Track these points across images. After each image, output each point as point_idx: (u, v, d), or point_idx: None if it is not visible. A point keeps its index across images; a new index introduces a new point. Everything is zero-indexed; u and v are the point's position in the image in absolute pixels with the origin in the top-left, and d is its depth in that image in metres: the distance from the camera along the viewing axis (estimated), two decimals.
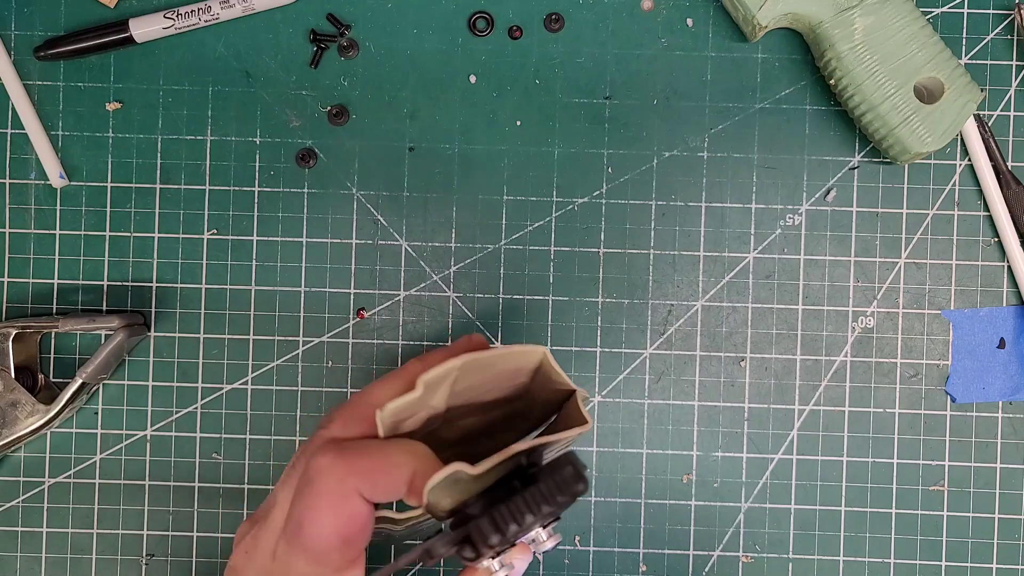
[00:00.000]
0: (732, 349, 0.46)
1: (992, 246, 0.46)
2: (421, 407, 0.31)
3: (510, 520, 0.27)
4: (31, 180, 0.46)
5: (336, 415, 0.33)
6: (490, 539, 0.27)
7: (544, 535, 0.32)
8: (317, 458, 0.31)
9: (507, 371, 0.32)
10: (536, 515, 0.27)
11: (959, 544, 0.46)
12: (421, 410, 0.31)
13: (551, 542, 0.32)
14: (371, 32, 0.46)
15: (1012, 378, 0.46)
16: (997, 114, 0.46)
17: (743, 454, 0.46)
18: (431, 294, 0.46)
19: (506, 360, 0.31)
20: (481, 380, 0.32)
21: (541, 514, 0.28)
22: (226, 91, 0.46)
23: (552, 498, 0.28)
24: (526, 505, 0.28)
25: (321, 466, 0.30)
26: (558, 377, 0.32)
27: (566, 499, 0.28)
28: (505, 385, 0.33)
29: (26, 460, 0.46)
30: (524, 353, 0.31)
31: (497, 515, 0.28)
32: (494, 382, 0.32)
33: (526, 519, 0.27)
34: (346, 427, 0.33)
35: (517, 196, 0.46)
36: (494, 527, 0.27)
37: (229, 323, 0.46)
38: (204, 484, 0.46)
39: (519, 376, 0.32)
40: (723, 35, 0.46)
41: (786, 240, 0.46)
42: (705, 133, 0.46)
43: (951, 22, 0.46)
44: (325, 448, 0.31)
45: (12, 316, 0.46)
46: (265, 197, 0.46)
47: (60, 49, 0.45)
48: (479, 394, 0.33)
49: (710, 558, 0.46)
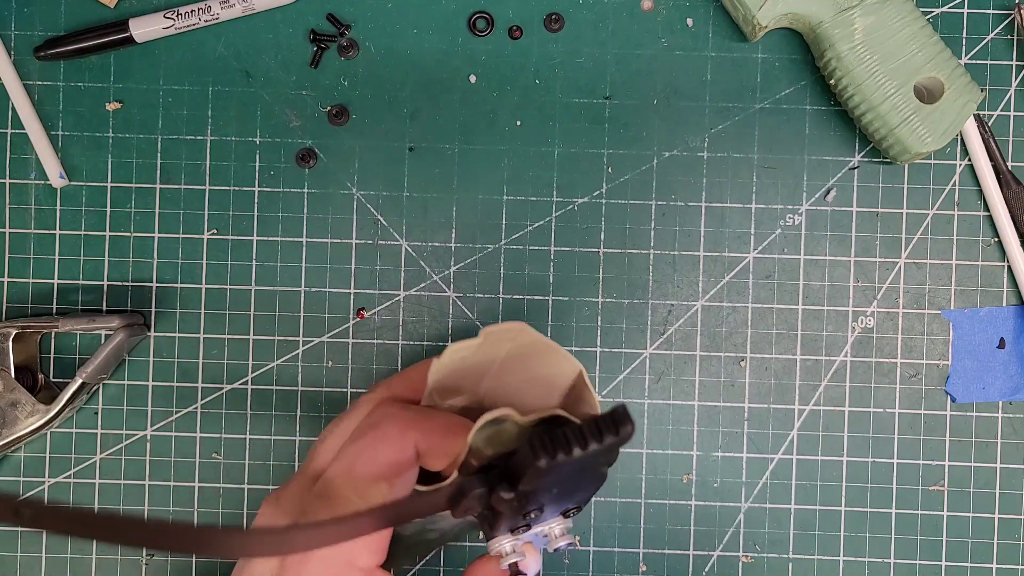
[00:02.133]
0: (732, 349, 0.46)
1: (992, 246, 0.46)
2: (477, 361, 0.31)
3: (560, 446, 0.26)
4: (31, 180, 0.46)
5: (380, 383, 0.35)
6: (538, 460, 0.25)
7: (558, 530, 0.32)
8: (384, 406, 0.32)
9: (542, 379, 0.32)
10: (583, 449, 0.26)
11: (959, 544, 0.46)
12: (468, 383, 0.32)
13: (563, 540, 0.32)
14: (371, 32, 0.46)
15: (1012, 378, 0.46)
16: (997, 114, 0.46)
17: (743, 454, 0.46)
18: (431, 294, 0.46)
19: (549, 356, 0.31)
20: (518, 382, 0.32)
21: (587, 451, 0.26)
22: (226, 91, 0.46)
23: (600, 436, 0.26)
24: (575, 436, 0.26)
25: (388, 413, 0.32)
26: (590, 398, 0.31)
27: (613, 439, 0.26)
28: (532, 400, 0.33)
29: (26, 460, 0.46)
30: (566, 358, 0.31)
31: (547, 438, 0.26)
32: (527, 391, 0.32)
33: (574, 450, 0.26)
34: (390, 390, 0.34)
35: (517, 196, 0.46)
36: (543, 448, 0.26)
37: (229, 323, 0.46)
38: (204, 484, 0.46)
39: (552, 394, 0.32)
40: (723, 35, 0.46)
41: (786, 240, 0.46)
42: (705, 133, 0.46)
43: (951, 22, 0.46)
44: (391, 402, 0.33)
45: (12, 316, 0.46)
46: (265, 197, 0.46)
47: (60, 49, 0.45)
48: (509, 401, 0.33)
49: (710, 558, 0.46)
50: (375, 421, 0.32)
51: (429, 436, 0.31)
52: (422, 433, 0.31)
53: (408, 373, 0.35)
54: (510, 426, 0.30)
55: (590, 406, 0.32)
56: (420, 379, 0.33)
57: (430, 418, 0.32)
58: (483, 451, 0.30)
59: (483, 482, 0.29)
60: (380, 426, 0.32)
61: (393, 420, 0.32)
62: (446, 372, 0.31)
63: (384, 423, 0.32)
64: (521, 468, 0.27)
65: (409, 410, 0.32)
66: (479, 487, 0.29)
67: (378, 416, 0.32)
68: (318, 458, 0.33)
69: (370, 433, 0.31)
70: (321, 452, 0.33)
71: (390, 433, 0.31)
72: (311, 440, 0.46)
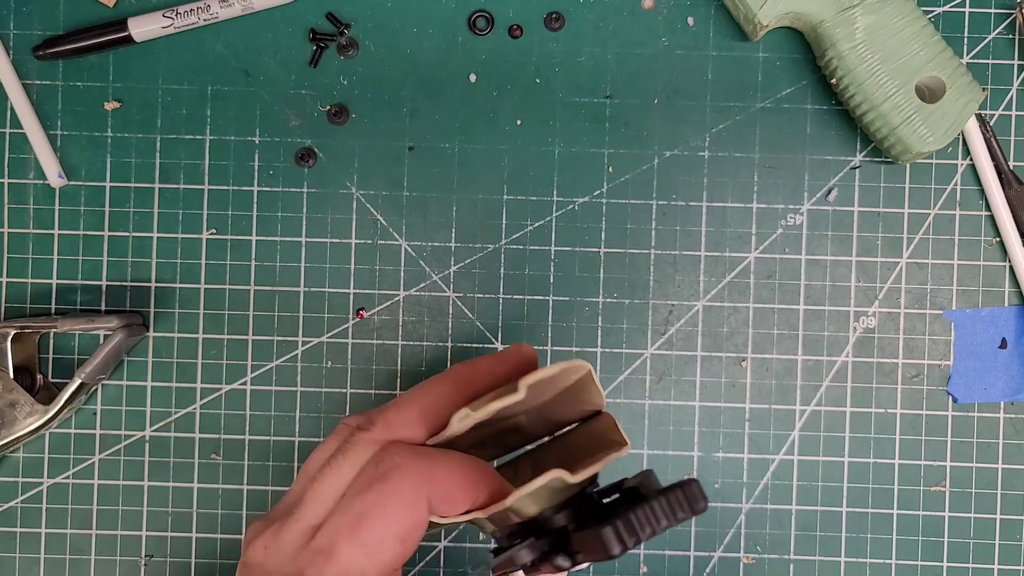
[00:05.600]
0: (733, 349, 0.46)
1: (994, 246, 0.46)
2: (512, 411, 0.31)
3: (635, 534, 0.26)
4: (30, 180, 0.46)
5: (377, 418, 0.31)
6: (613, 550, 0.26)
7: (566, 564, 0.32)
8: (392, 456, 0.30)
9: (555, 387, 0.31)
10: (656, 532, 0.27)
11: (961, 545, 0.46)
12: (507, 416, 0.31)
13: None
14: (371, 31, 0.46)
15: (1014, 378, 0.46)
16: (999, 113, 0.46)
17: (744, 455, 0.46)
18: (431, 294, 0.46)
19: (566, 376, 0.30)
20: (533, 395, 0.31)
21: (660, 531, 0.27)
22: (225, 90, 0.46)
23: (675, 515, 0.27)
24: (650, 519, 0.27)
25: (396, 464, 0.29)
26: (596, 392, 0.31)
27: (686, 515, 0.27)
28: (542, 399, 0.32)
29: (25, 461, 0.46)
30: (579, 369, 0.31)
31: (623, 528, 0.26)
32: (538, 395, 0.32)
33: (662, 524, 0.27)
34: (389, 430, 0.31)
35: (517, 196, 0.46)
36: (619, 539, 0.26)
37: (228, 323, 0.46)
38: (203, 485, 0.46)
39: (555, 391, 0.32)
40: (724, 34, 0.46)
41: (787, 240, 0.46)
42: (706, 132, 0.46)
43: (952, 21, 0.46)
44: (399, 448, 0.30)
45: (11, 316, 0.46)
46: (264, 197, 0.46)
47: (59, 48, 0.45)
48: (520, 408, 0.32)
49: (711, 559, 0.46)
50: (383, 473, 0.29)
51: (445, 491, 0.29)
52: (437, 488, 0.29)
53: (406, 410, 0.32)
54: (557, 483, 0.29)
55: (592, 401, 0.32)
56: (419, 416, 0.31)
57: (444, 466, 0.30)
58: (524, 510, 0.29)
59: (534, 550, 0.28)
60: (389, 479, 0.29)
61: (404, 474, 0.29)
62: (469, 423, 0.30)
63: (393, 476, 0.29)
64: (589, 547, 0.27)
65: (420, 457, 0.30)
66: (529, 557, 0.28)
67: (386, 467, 0.29)
68: (312, 505, 0.30)
69: (377, 486, 0.29)
70: (315, 498, 0.30)
71: (402, 489, 0.29)
72: (311, 440, 0.46)
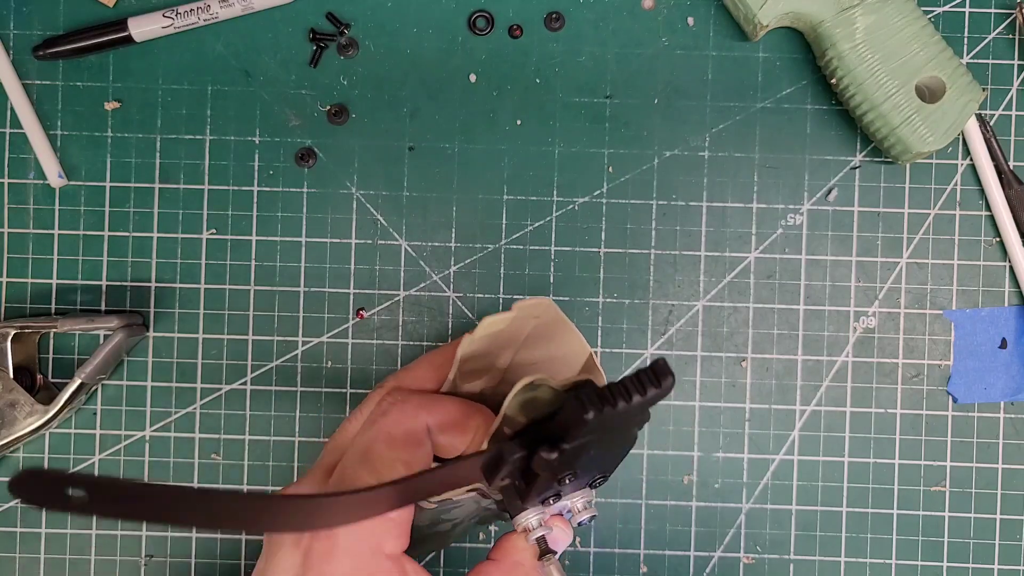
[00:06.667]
0: (733, 349, 0.46)
1: (994, 246, 0.46)
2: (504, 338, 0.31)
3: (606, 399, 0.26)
4: (30, 180, 0.46)
5: (389, 376, 0.34)
6: (586, 413, 0.25)
7: (580, 504, 0.32)
8: (392, 395, 0.32)
9: (560, 359, 0.32)
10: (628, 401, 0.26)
11: (961, 545, 0.46)
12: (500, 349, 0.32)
13: (586, 514, 0.31)
14: (371, 31, 0.46)
15: (1014, 378, 0.46)
16: (999, 113, 0.46)
17: (744, 455, 0.46)
18: (431, 294, 0.46)
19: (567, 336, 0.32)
20: (538, 360, 0.32)
21: (632, 403, 0.26)
22: (225, 90, 0.46)
23: (643, 388, 0.26)
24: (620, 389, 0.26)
25: (397, 400, 0.32)
26: (599, 377, 0.32)
27: (655, 391, 0.26)
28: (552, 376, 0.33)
29: (25, 461, 0.46)
30: (580, 339, 0.32)
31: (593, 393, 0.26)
32: (547, 370, 0.33)
33: (619, 402, 0.26)
34: (399, 383, 0.34)
35: (517, 196, 0.46)
36: (590, 402, 0.26)
37: (228, 323, 0.46)
38: (203, 485, 0.46)
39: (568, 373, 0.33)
40: (724, 34, 0.46)
41: (787, 240, 0.46)
42: (706, 132, 0.46)
43: (952, 21, 0.46)
44: (400, 390, 0.33)
45: (11, 316, 0.46)
46: (264, 197, 0.46)
47: (59, 48, 0.45)
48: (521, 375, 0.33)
49: (711, 559, 0.46)
50: (385, 409, 0.32)
51: (443, 416, 0.31)
52: (436, 414, 0.31)
53: (415, 368, 0.35)
54: (544, 392, 0.30)
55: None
56: (427, 372, 0.33)
57: (441, 401, 0.32)
58: (516, 419, 0.30)
59: (523, 445, 0.28)
60: (391, 413, 0.31)
61: (404, 407, 0.31)
62: (476, 347, 0.31)
63: (394, 409, 0.31)
64: (566, 425, 0.27)
65: (419, 394, 0.32)
66: (519, 451, 0.28)
67: (387, 404, 0.32)
68: (330, 454, 0.32)
69: (381, 420, 0.31)
70: (332, 448, 0.33)
71: (403, 414, 0.31)
72: (311, 441, 0.46)
